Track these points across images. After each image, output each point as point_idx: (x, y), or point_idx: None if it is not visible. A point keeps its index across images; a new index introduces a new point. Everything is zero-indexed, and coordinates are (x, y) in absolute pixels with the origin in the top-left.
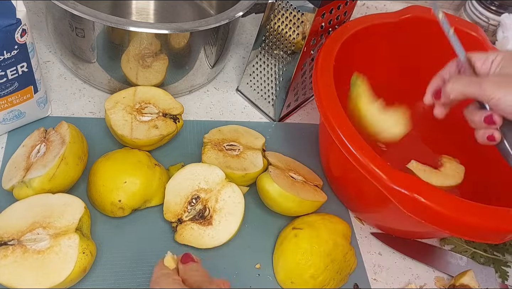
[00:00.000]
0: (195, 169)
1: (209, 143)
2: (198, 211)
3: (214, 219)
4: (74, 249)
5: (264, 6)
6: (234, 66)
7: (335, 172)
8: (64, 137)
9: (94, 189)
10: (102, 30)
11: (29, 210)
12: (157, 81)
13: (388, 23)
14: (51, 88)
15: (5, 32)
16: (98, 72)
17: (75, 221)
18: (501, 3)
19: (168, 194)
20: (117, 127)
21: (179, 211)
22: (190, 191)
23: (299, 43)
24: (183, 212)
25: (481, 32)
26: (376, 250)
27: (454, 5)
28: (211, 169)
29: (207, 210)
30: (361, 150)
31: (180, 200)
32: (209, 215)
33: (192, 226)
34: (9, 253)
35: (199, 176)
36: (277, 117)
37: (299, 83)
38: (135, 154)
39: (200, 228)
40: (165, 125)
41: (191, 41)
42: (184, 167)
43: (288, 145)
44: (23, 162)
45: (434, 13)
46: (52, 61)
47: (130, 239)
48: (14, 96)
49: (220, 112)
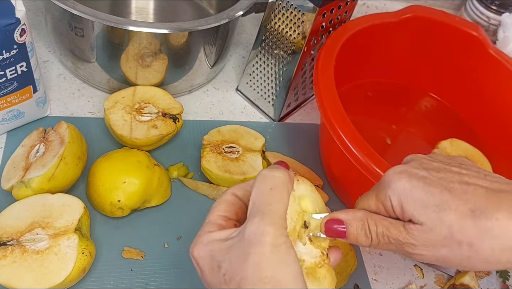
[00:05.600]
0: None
1: (208, 145)
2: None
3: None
4: (73, 249)
5: (264, 6)
6: (234, 66)
7: (335, 171)
8: (63, 137)
9: (93, 189)
10: (101, 30)
11: (28, 210)
12: (157, 81)
13: (388, 22)
14: (50, 88)
15: (4, 31)
16: (98, 72)
17: (74, 221)
18: (501, 2)
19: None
20: (117, 127)
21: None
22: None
23: (300, 42)
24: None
25: (482, 32)
26: (376, 250)
27: (455, 5)
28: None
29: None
30: (362, 150)
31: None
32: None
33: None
34: (8, 253)
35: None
36: (277, 117)
37: (299, 83)
38: (134, 154)
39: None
40: (164, 125)
41: (190, 41)
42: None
43: (288, 145)
44: (22, 161)
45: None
46: (51, 60)
47: (129, 239)
48: (13, 96)
49: (220, 112)
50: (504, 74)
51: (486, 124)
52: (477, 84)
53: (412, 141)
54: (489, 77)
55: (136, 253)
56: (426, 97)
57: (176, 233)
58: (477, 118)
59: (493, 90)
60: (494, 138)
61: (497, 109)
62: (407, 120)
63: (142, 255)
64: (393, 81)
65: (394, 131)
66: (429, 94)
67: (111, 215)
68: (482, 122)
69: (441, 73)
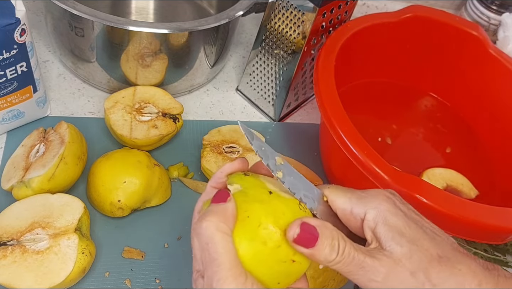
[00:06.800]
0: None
1: (208, 145)
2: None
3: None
4: (73, 249)
5: (264, 6)
6: (234, 65)
7: (336, 171)
8: (63, 137)
9: (94, 189)
10: (101, 30)
11: (28, 210)
12: (157, 81)
13: (388, 22)
14: (50, 88)
15: (4, 31)
16: (98, 71)
17: (74, 221)
18: (502, 2)
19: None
20: (117, 127)
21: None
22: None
23: (300, 42)
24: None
25: (482, 32)
26: None
27: (455, 5)
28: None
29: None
30: (362, 150)
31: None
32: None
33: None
34: (8, 253)
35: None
36: (277, 117)
37: (299, 83)
38: (134, 154)
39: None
40: (164, 125)
41: (190, 41)
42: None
43: (288, 145)
44: (22, 161)
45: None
46: (51, 60)
47: (129, 239)
48: (13, 96)
49: (220, 112)
50: (504, 74)
51: (486, 124)
52: (477, 84)
53: (412, 141)
54: (489, 77)
55: (136, 253)
56: (426, 97)
57: (176, 233)
58: (477, 118)
59: (493, 90)
60: (494, 138)
61: (497, 109)
62: (407, 120)
63: (142, 255)
64: (393, 81)
65: (394, 131)
66: (429, 94)
67: (111, 215)
68: (482, 122)
69: (441, 73)
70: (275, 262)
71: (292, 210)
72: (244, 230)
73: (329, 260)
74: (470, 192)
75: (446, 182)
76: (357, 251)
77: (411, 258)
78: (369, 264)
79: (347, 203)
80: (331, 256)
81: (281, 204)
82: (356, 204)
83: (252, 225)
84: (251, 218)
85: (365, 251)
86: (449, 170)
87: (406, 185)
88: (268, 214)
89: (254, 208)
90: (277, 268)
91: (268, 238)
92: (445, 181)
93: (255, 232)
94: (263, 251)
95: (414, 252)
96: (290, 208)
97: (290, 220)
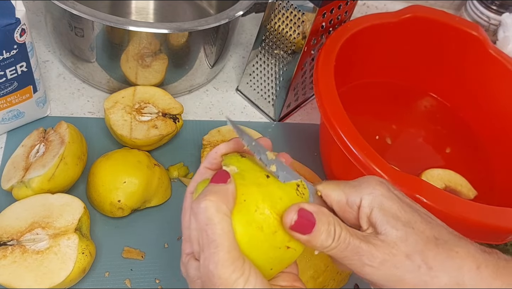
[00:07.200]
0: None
1: (208, 145)
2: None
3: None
4: (73, 249)
5: (264, 6)
6: (234, 66)
7: (336, 172)
8: (63, 137)
9: (94, 189)
10: (101, 30)
11: (28, 210)
12: (157, 81)
13: (388, 23)
14: (50, 88)
15: (4, 31)
16: (98, 72)
17: (74, 221)
18: (502, 2)
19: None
20: (117, 127)
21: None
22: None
23: (300, 42)
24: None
25: (482, 32)
26: None
27: (455, 5)
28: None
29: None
30: (362, 150)
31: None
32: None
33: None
34: (8, 253)
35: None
36: (277, 117)
37: (299, 83)
38: (134, 154)
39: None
40: (164, 125)
41: (190, 41)
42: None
43: (288, 145)
44: (22, 162)
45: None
46: (51, 60)
47: (129, 239)
48: (13, 96)
49: (220, 112)
50: (504, 74)
51: (486, 124)
52: (477, 84)
53: (412, 141)
54: (489, 77)
55: (136, 253)
56: (426, 97)
57: (176, 233)
58: (477, 118)
59: (493, 90)
60: (494, 138)
61: (497, 109)
62: (407, 121)
63: (142, 255)
64: (393, 81)
65: (394, 132)
66: (429, 94)
67: (111, 215)
68: (482, 122)
69: (441, 73)
70: (270, 248)
71: (289, 195)
72: (240, 214)
73: (325, 246)
74: (468, 193)
75: (445, 182)
76: (352, 236)
77: (406, 241)
78: (364, 249)
79: (342, 194)
80: (327, 242)
81: (278, 189)
82: (350, 193)
83: (249, 209)
84: (247, 201)
85: (360, 236)
86: (447, 171)
87: (406, 185)
88: (265, 199)
89: (251, 191)
90: (271, 254)
91: (264, 224)
92: (444, 182)
93: (252, 217)
94: (259, 236)
95: (410, 235)
96: (287, 193)
97: (287, 205)
